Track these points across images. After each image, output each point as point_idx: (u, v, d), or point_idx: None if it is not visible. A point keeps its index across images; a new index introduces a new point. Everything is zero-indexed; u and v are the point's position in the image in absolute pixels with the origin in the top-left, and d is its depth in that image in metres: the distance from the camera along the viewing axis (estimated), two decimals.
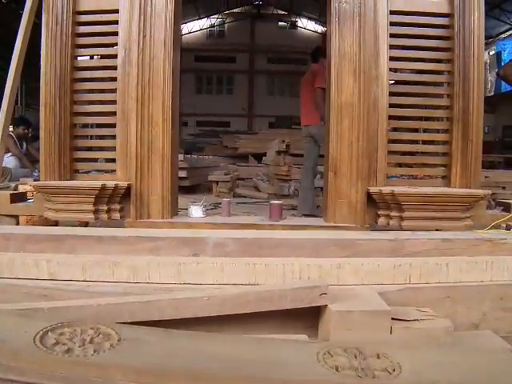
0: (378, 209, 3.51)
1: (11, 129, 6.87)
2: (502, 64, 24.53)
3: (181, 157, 8.12)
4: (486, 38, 3.69)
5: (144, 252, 2.40)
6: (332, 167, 3.52)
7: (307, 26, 35.02)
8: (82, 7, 3.82)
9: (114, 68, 3.75)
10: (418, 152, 3.89)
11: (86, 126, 3.98)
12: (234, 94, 34.64)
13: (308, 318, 1.98)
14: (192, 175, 8.56)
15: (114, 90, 3.75)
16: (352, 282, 2.28)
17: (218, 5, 32.32)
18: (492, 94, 22.43)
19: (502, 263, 2.40)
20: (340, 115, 3.50)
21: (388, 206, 3.43)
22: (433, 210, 3.37)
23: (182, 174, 7.92)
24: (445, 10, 3.71)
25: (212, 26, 35.23)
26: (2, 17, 17.62)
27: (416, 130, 4.31)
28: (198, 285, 2.22)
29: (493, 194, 6.85)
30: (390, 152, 3.69)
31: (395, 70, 3.74)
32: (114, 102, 3.75)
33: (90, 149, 4.13)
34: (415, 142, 3.89)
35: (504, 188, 7.68)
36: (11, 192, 3.97)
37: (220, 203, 6.90)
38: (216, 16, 34.75)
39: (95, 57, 4.10)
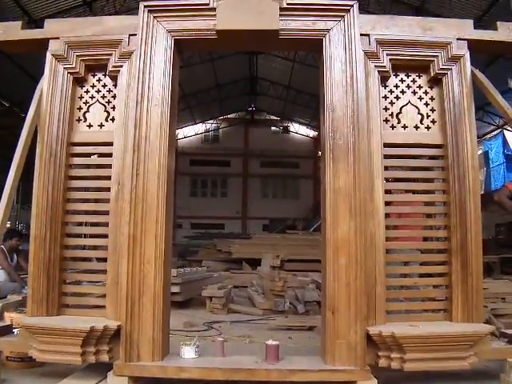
0: (378, 349, 3.35)
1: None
2: (490, 163, 25.20)
3: (174, 272, 7.96)
4: None
5: None
6: (330, 306, 3.37)
7: (299, 130, 36.25)
8: (77, 139, 3.87)
9: (107, 201, 3.71)
10: (417, 286, 3.80)
11: (76, 259, 3.87)
12: (228, 197, 35.24)
13: None
14: (185, 289, 8.34)
15: (106, 224, 3.69)
16: None
17: (212, 111, 33.54)
18: (482, 192, 22.76)
19: None
20: (337, 253, 3.39)
21: (389, 347, 3.28)
22: (436, 351, 3.24)
23: (175, 289, 7.70)
24: (438, 141, 3.75)
25: (207, 130, 36.46)
26: (5, 119, 18.27)
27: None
28: None
29: (492, 309, 6.65)
30: (389, 287, 3.59)
31: (389, 203, 3.71)
32: (105, 236, 3.68)
33: (79, 282, 4.02)
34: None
35: (504, 299, 7.41)
36: None
37: (214, 322, 6.75)
38: (211, 121, 36.03)
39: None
